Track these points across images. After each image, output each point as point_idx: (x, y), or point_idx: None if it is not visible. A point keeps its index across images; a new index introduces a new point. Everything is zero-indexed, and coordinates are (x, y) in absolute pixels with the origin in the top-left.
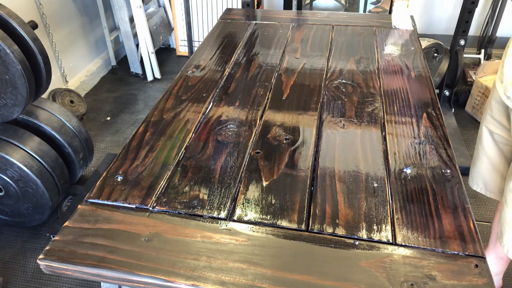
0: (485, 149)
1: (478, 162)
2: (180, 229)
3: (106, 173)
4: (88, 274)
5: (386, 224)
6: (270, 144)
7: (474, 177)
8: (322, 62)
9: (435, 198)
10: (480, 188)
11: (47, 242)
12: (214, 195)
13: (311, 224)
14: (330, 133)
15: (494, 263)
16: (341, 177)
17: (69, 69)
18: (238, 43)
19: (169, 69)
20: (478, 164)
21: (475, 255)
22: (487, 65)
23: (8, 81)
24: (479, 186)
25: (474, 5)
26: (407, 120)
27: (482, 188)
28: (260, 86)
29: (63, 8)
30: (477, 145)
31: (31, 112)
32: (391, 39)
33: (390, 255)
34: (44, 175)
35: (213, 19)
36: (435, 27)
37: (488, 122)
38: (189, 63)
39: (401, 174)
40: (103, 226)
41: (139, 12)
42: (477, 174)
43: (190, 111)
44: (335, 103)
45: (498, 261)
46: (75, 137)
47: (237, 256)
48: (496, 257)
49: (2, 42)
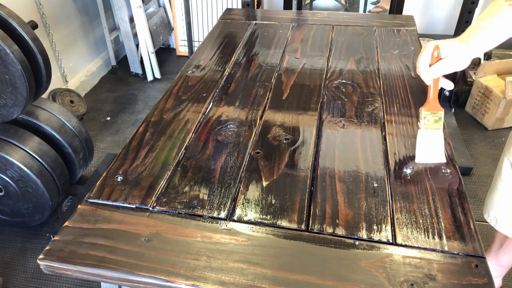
0: (504, 182)
1: (495, 193)
2: (180, 229)
3: (106, 173)
4: (88, 274)
5: (386, 224)
6: (270, 144)
7: (488, 207)
8: (322, 62)
9: (435, 198)
10: (490, 219)
11: (47, 242)
12: (214, 195)
13: (311, 224)
14: (330, 133)
15: (494, 269)
16: (341, 177)
17: (69, 69)
18: (238, 43)
19: (169, 69)
20: (493, 196)
21: (475, 255)
22: (487, 65)
23: (8, 81)
24: (489, 217)
25: (474, 5)
26: (407, 120)
27: (492, 220)
28: (260, 86)
29: (63, 8)
30: (496, 176)
31: (31, 112)
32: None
33: (390, 255)
34: (44, 175)
35: (213, 19)
36: (435, 27)
37: (511, 155)
38: (189, 63)
39: (401, 174)
40: (103, 226)
41: (139, 12)
42: (491, 205)
43: (190, 111)
44: (335, 103)
45: (499, 267)
46: (75, 137)
47: (237, 256)
48: (497, 264)
49: (2, 42)
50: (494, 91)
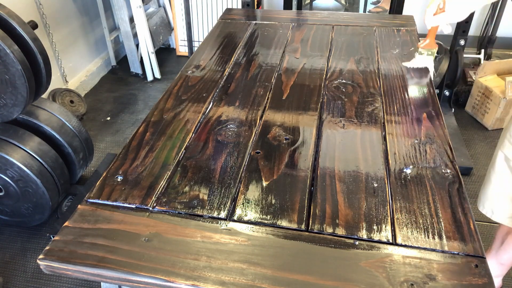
0: (498, 174)
1: (489, 186)
2: (180, 229)
3: (106, 173)
4: (88, 274)
5: (386, 224)
6: (270, 144)
7: (482, 200)
8: (322, 62)
9: (435, 198)
10: (486, 211)
11: (47, 242)
12: (214, 195)
13: (311, 224)
14: (330, 133)
15: (495, 268)
16: (341, 177)
17: (69, 69)
18: (238, 43)
19: (169, 69)
20: (488, 188)
21: (475, 255)
22: (487, 65)
23: (8, 81)
24: (485, 209)
25: None
26: (407, 120)
27: (488, 211)
28: (260, 86)
29: (63, 8)
30: (489, 170)
31: (31, 112)
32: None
33: (390, 255)
34: (44, 175)
35: (213, 19)
36: None
37: (505, 148)
38: (189, 63)
39: (401, 174)
40: (103, 226)
41: (139, 12)
42: (486, 197)
43: (190, 111)
44: (335, 103)
45: (499, 266)
46: (75, 137)
47: (237, 256)
48: (497, 263)
49: (2, 42)
50: (494, 91)
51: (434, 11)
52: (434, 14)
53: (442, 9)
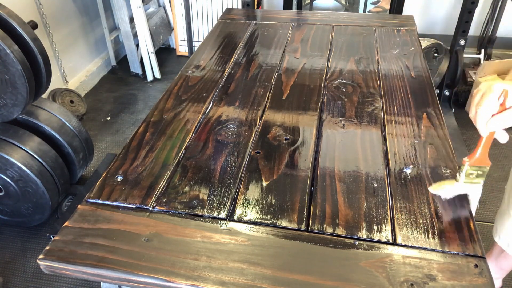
0: None
1: (507, 219)
2: (180, 229)
3: (106, 173)
4: (88, 274)
5: (386, 224)
6: (270, 144)
7: (499, 231)
8: (322, 62)
9: (435, 198)
10: (502, 243)
11: (47, 242)
12: (214, 195)
13: (311, 224)
14: (330, 133)
15: (494, 271)
16: (341, 177)
17: (69, 69)
18: (238, 43)
19: (169, 69)
20: (506, 220)
21: (475, 255)
22: (487, 65)
23: (8, 81)
24: (500, 240)
25: (474, 5)
26: (407, 120)
27: (504, 244)
28: (260, 86)
29: (63, 8)
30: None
31: (31, 112)
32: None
33: (390, 255)
34: (44, 175)
35: (213, 19)
36: (435, 27)
37: None
38: (189, 63)
39: (401, 174)
40: (103, 226)
41: (139, 12)
42: (503, 228)
43: (190, 111)
44: (335, 103)
45: (499, 270)
46: (75, 137)
47: (237, 256)
48: (497, 267)
49: (2, 42)
50: None
51: (493, 110)
52: (493, 115)
53: (503, 105)
